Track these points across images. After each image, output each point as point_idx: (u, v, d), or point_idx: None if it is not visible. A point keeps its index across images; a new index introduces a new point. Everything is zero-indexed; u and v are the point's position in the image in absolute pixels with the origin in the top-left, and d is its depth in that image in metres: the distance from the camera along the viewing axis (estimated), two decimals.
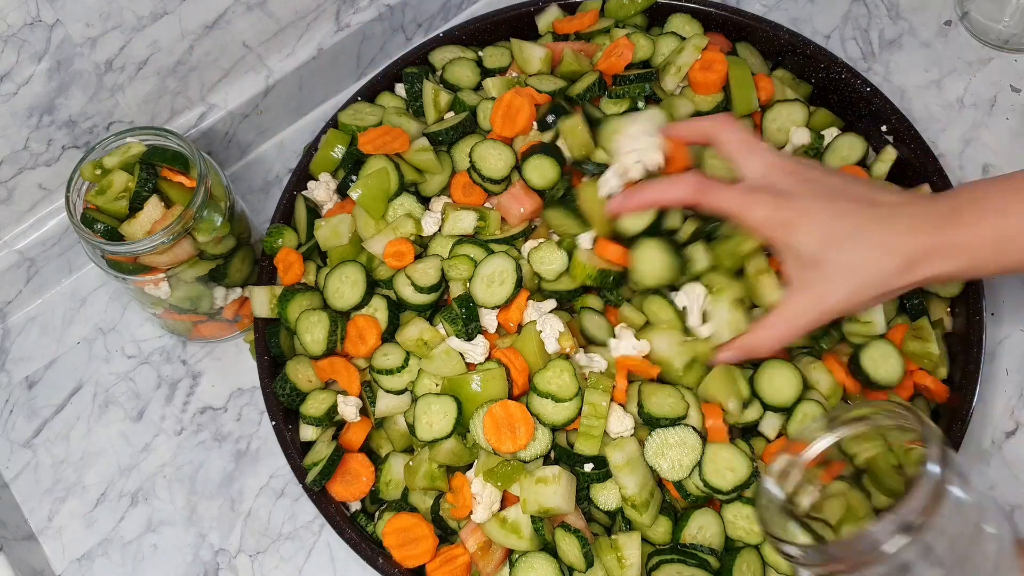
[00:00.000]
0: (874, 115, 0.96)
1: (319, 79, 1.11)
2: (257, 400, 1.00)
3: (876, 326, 0.84)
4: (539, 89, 0.95)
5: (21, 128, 0.94)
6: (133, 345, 1.05)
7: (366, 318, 0.88)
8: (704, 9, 1.01)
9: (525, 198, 0.89)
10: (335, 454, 0.85)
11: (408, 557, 0.82)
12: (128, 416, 1.01)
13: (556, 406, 0.81)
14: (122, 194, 0.89)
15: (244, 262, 0.97)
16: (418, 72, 0.99)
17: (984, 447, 0.91)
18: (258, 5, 1.00)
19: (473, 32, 1.04)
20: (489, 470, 0.81)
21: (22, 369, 1.05)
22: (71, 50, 0.91)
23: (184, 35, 0.97)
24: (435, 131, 0.95)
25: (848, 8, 1.15)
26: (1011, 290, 0.97)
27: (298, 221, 0.96)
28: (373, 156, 0.94)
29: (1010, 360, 0.95)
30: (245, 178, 1.13)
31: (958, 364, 0.86)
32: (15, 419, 1.02)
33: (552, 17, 1.03)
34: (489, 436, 0.81)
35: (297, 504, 0.95)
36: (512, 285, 0.85)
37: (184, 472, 0.98)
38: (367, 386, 0.88)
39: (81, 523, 0.97)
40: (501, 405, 0.81)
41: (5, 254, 1.02)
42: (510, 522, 0.81)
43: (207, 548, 0.94)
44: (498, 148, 0.92)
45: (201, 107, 1.05)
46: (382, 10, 1.10)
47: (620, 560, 0.79)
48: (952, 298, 0.89)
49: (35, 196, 1.01)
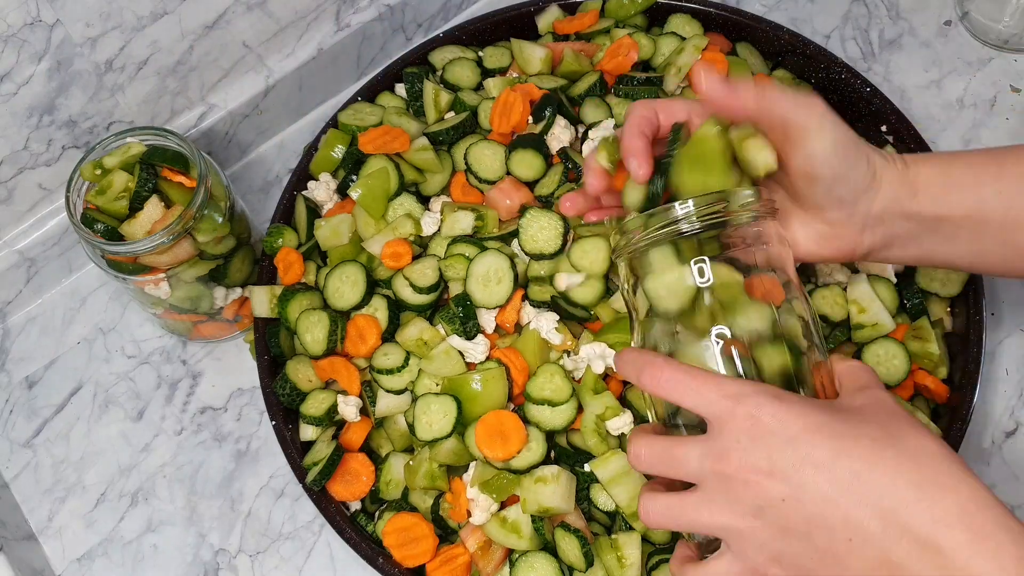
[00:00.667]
0: (874, 115, 0.96)
1: (319, 79, 1.11)
2: (257, 400, 1.00)
3: (883, 327, 0.84)
4: (540, 86, 0.95)
5: (21, 128, 0.94)
6: (133, 345, 1.05)
7: (366, 318, 0.88)
8: (704, 9, 1.01)
9: (513, 191, 0.89)
10: (335, 454, 0.85)
11: (408, 557, 0.82)
12: (128, 416, 1.01)
13: (553, 411, 0.82)
14: (122, 194, 0.89)
15: (244, 262, 0.97)
16: (418, 72, 1.00)
17: (984, 447, 0.91)
18: (258, 5, 1.00)
19: (473, 32, 1.04)
20: (485, 482, 0.81)
21: (22, 369, 1.05)
22: (71, 50, 0.91)
23: (184, 35, 0.97)
24: (435, 131, 0.95)
25: (848, 8, 1.15)
26: (1011, 290, 0.97)
27: (298, 221, 0.96)
28: (373, 156, 0.94)
29: (1010, 360, 0.95)
30: (245, 178, 1.13)
31: (958, 364, 0.86)
32: (15, 419, 1.02)
33: (552, 17, 1.03)
34: (480, 443, 0.81)
35: (297, 504, 0.95)
36: (510, 283, 0.85)
37: (184, 472, 0.98)
38: (367, 386, 0.88)
39: (81, 523, 0.97)
40: (494, 414, 0.81)
41: (5, 254, 1.02)
42: (510, 522, 0.81)
43: (207, 548, 0.94)
44: (492, 148, 0.92)
45: (201, 107, 1.05)
46: (382, 10, 1.10)
47: (620, 560, 0.79)
48: (952, 298, 0.89)
49: (35, 196, 1.01)
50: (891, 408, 0.59)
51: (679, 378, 0.60)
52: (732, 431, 0.57)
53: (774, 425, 0.56)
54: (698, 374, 0.60)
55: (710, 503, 0.58)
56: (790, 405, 0.57)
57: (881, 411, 0.59)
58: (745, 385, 0.59)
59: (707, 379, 0.59)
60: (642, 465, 0.61)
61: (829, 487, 0.55)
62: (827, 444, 0.55)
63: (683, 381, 0.60)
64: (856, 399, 0.61)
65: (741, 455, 0.57)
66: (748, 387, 0.58)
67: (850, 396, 0.62)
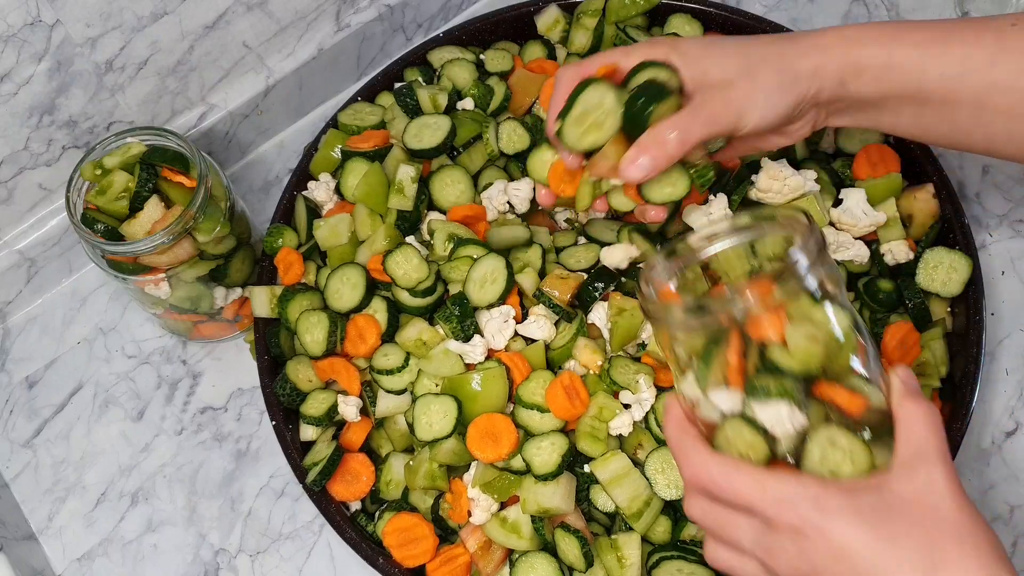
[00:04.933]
0: None
1: (319, 79, 1.11)
2: (257, 400, 1.00)
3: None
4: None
5: (21, 128, 0.94)
6: (133, 345, 1.05)
7: (366, 318, 0.88)
8: (704, 9, 1.01)
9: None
10: (335, 454, 0.85)
11: (408, 557, 0.82)
12: (128, 416, 1.01)
13: (543, 417, 0.82)
14: (122, 194, 0.89)
15: (244, 262, 0.97)
16: (407, 85, 0.98)
17: (984, 447, 0.91)
18: (258, 5, 1.00)
19: (473, 32, 1.04)
20: (487, 483, 0.81)
21: (22, 369, 1.05)
22: (71, 50, 0.91)
23: (184, 35, 0.97)
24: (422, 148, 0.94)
25: (848, 8, 1.15)
26: (1011, 290, 0.97)
27: (298, 221, 0.96)
28: (356, 158, 0.94)
29: (1010, 360, 0.95)
30: (245, 178, 1.13)
31: (958, 364, 0.86)
32: (15, 419, 1.02)
33: (552, 17, 1.03)
34: (472, 445, 0.81)
35: (297, 504, 0.95)
36: (503, 283, 0.84)
37: (184, 472, 0.98)
38: (367, 386, 0.88)
39: (81, 523, 0.97)
40: (486, 417, 0.81)
41: (5, 254, 1.02)
42: (510, 522, 0.81)
43: (207, 548, 0.94)
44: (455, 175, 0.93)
45: (201, 107, 1.05)
46: (382, 10, 1.10)
47: (620, 560, 0.79)
48: (952, 298, 0.89)
49: (35, 196, 1.01)
50: (940, 510, 0.57)
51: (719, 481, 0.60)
52: (779, 534, 0.58)
53: (819, 539, 0.56)
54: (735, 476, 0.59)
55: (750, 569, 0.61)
56: (834, 518, 0.56)
57: (931, 516, 0.56)
58: (787, 488, 0.58)
59: (747, 481, 0.59)
60: (694, 520, 0.63)
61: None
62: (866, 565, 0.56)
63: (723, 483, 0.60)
64: (907, 485, 0.58)
65: (787, 560, 0.58)
66: (791, 491, 0.57)
67: (903, 476, 0.58)
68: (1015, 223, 1.00)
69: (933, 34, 0.71)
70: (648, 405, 0.81)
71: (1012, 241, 0.99)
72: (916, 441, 0.59)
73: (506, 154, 0.94)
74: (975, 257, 0.87)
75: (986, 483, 0.90)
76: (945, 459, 0.58)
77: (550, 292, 0.86)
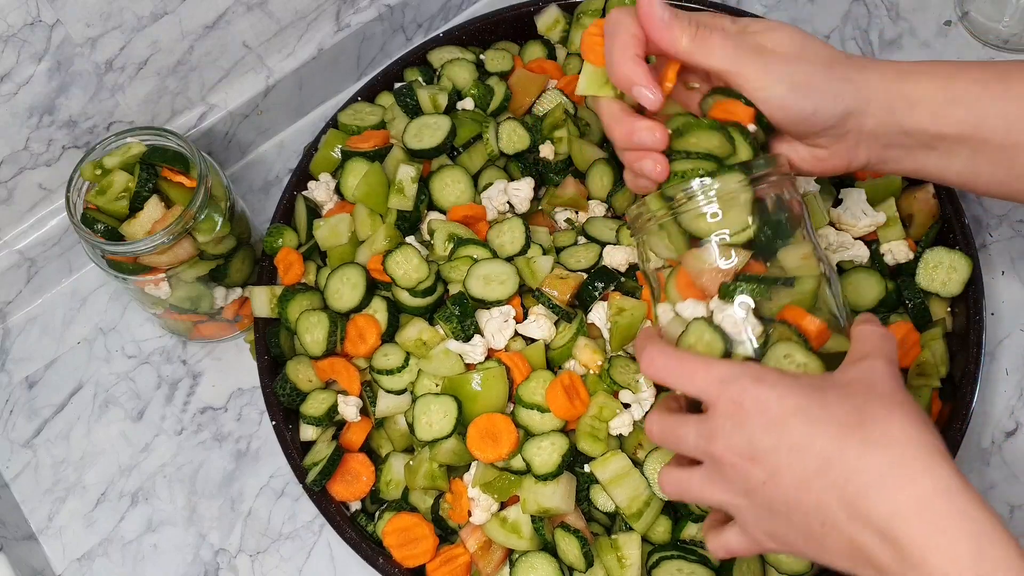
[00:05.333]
0: None
1: (319, 79, 1.11)
2: (257, 400, 1.00)
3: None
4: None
5: (21, 128, 0.94)
6: (133, 345, 1.05)
7: (366, 318, 0.88)
8: (704, 10, 1.01)
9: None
10: (335, 454, 0.85)
11: (408, 557, 0.82)
12: (128, 416, 1.01)
13: (543, 416, 0.82)
14: (122, 194, 0.89)
15: (244, 262, 0.97)
16: (407, 85, 0.98)
17: (984, 447, 0.91)
18: (258, 5, 1.00)
19: (473, 32, 1.04)
20: (487, 483, 0.81)
21: (22, 369, 1.05)
22: (71, 50, 0.91)
23: (184, 35, 0.97)
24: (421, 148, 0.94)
25: (848, 8, 1.15)
26: (1011, 290, 0.97)
27: (298, 221, 0.96)
28: (356, 158, 0.94)
29: (1010, 360, 0.95)
30: (245, 178, 1.13)
31: (958, 364, 0.86)
32: (15, 419, 1.02)
33: (552, 17, 1.03)
34: (472, 445, 0.81)
35: (297, 504, 0.95)
36: (512, 286, 0.85)
37: (184, 472, 0.98)
38: (367, 386, 0.88)
39: (81, 523, 0.97)
40: (486, 417, 0.81)
41: (5, 254, 1.02)
42: (510, 522, 0.81)
43: (207, 548, 0.94)
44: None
45: (201, 107, 1.05)
46: (382, 10, 1.10)
47: (620, 560, 0.79)
48: (952, 298, 0.89)
49: (35, 196, 1.01)
50: (876, 386, 0.59)
51: (672, 365, 0.62)
52: (719, 415, 0.60)
53: (755, 409, 0.58)
54: (688, 359, 0.62)
55: (710, 481, 0.61)
56: (771, 388, 0.58)
57: (865, 390, 0.59)
58: (733, 367, 0.60)
59: (697, 364, 0.61)
60: (653, 439, 0.65)
61: (803, 472, 0.56)
62: (802, 429, 0.57)
63: (675, 368, 0.62)
64: (849, 373, 0.61)
65: (726, 439, 0.59)
66: (736, 369, 0.60)
67: (846, 368, 0.62)
68: (1015, 223, 1.00)
69: (990, 73, 0.68)
70: (648, 404, 0.81)
71: (1012, 241, 0.99)
72: (865, 349, 0.62)
73: (506, 154, 0.94)
74: (975, 257, 0.87)
75: (986, 483, 0.90)
76: (891, 361, 0.61)
77: (550, 292, 0.86)
